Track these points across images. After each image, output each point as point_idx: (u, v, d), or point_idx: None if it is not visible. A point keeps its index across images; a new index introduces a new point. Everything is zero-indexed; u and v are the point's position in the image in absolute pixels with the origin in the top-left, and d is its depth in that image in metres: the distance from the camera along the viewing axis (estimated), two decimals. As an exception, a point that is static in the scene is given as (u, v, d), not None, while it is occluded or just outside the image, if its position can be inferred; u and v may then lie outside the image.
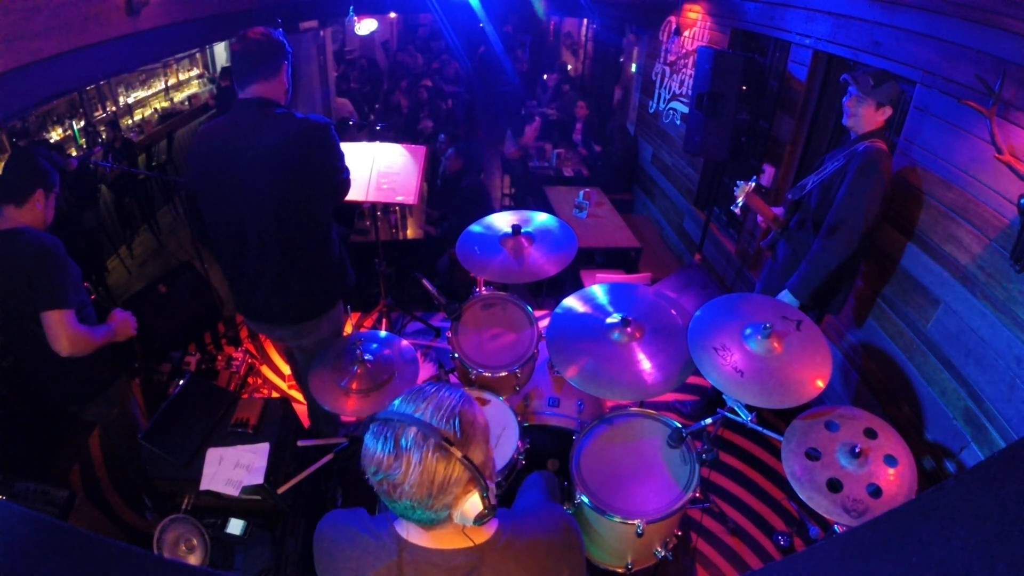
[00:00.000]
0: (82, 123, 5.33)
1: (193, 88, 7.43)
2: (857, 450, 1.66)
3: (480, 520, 0.88)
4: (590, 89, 8.61)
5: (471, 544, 0.93)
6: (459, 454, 0.84)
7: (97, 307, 2.20)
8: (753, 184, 2.45)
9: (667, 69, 5.24)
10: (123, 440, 2.38)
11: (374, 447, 0.86)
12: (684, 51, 4.85)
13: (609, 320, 2.09)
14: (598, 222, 4.74)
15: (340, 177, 2.07)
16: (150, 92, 6.64)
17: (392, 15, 9.43)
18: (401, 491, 0.84)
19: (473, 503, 0.87)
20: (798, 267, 2.47)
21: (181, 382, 2.25)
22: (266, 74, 1.87)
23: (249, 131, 1.85)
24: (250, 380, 3.37)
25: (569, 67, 9.36)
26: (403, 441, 0.84)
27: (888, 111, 2.26)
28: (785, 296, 2.47)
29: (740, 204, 2.46)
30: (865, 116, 2.29)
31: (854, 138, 2.36)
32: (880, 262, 2.65)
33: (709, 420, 1.94)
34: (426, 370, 3.45)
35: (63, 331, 1.89)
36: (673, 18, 4.96)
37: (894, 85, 2.25)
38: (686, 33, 4.81)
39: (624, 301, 2.21)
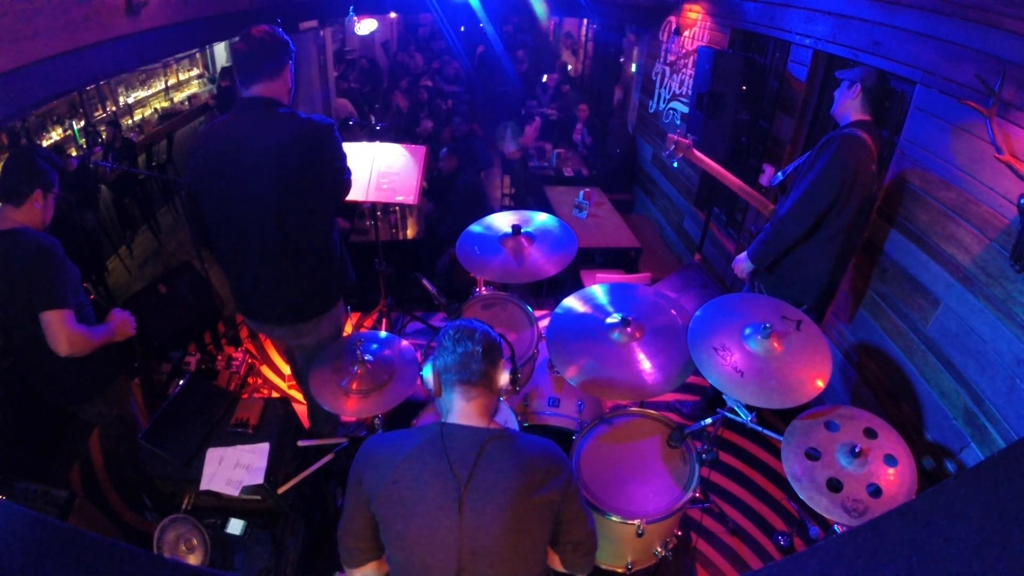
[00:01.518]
0: (82, 123, 5.33)
1: (193, 88, 7.44)
2: (857, 450, 1.66)
3: (512, 380, 1.37)
4: (590, 89, 8.61)
5: (487, 426, 1.27)
6: (498, 336, 1.35)
7: (96, 307, 2.20)
8: (688, 140, 2.46)
9: (667, 69, 5.24)
10: (123, 440, 2.38)
11: (454, 332, 1.31)
12: (684, 51, 4.85)
13: (609, 320, 2.09)
14: (598, 222, 4.74)
15: (342, 177, 2.07)
16: (150, 92, 6.65)
17: (392, 15, 9.43)
18: (473, 347, 1.26)
19: (504, 371, 1.33)
20: (785, 258, 2.52)
21: (181, 382, 2.25)
22: (270, 73, 1.86)
23: (252, 130, 1.85)
24: (250, 380, 3.37)
25: (569, 67, 9.35)
26: (472, 325, 1.32)
27: (857, 88, 2.31)
28: (743, 258, 2.57)
29: (678, 159, 2.48)
30: (839, 98, 2.38)
31: (839, 127, 2.41)
32: (880, 262, 2.65)
33: (709, 420, 1.94)
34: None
35: (62, 331, 1.88)
36: (673, 18, 4.96)
37: (869, 68, 2.37)
38: (686, 33, 4.81)
39: (624, 301, 2.21)
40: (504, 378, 1.33)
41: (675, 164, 2.56)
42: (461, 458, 1.20)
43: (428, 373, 1.37)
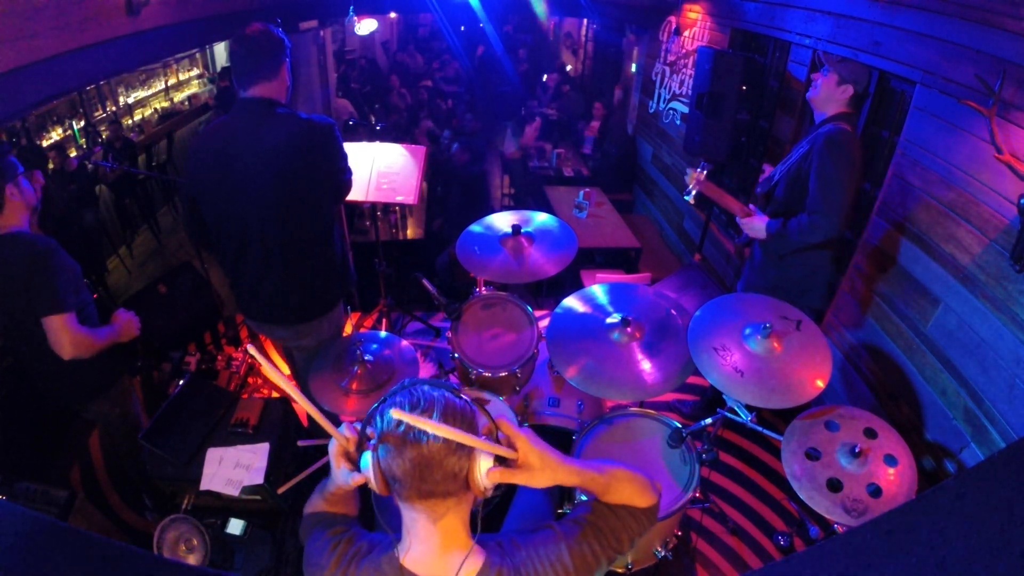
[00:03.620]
0: (82, 123, 5.33)
1: (193, 88, 7.43)
2: (857, 450, 1.66)
3: (500, 467, 0.91)
4: (590, 89, 8.61)
5: (459, 563, 0.92)
6: (467, 398, 0.93)
7: (100, 306, 2.19)
8: (704, 171, 2.42)
9: (667, 69, 5.24)
10: (124, 439, 2.38)
11: (398, 407, 0.89)
12: (684, 51, 4.85)
13: (609, 320, 2.09)
14: (598, 222, 4.74)
15: (343, 177, 2.07)
16: (150, 92, 6.64)
17: (392, 15, 9.43)
18: (427, 440, 0.86)
19: (487, 457, 0.90)
20: (774, 264, 2.51)
21: (181, 382, 2.25)
22: (267, 74, 1.85)
23: (252, 131, 1.84)
24: (250, 380, 3.37)
25: (568, 67, 9.35)
26: (421, 393, 0.91)
27: (849, 90, 2.27)
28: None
29: (693, 193, 2.44)
30: (825, 89, 2.32)
31: (819, 121, 2.38)
32: (880, 262, 2.65)
33: (709, 420, 1.94)
34: (426, 370, 3.45)
35: (65, 336, 1.86)
36: (673, 18, 4.96)
37: (863, 69, 2.30)
38: (686, 33, 4.81)
39: (624, 301, 2.21)
40: (485, 467, 0.90)
41: (688, 198, 2.50)
42: None
43: (367, 465, 0.94)
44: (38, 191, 1.99)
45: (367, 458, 0.94)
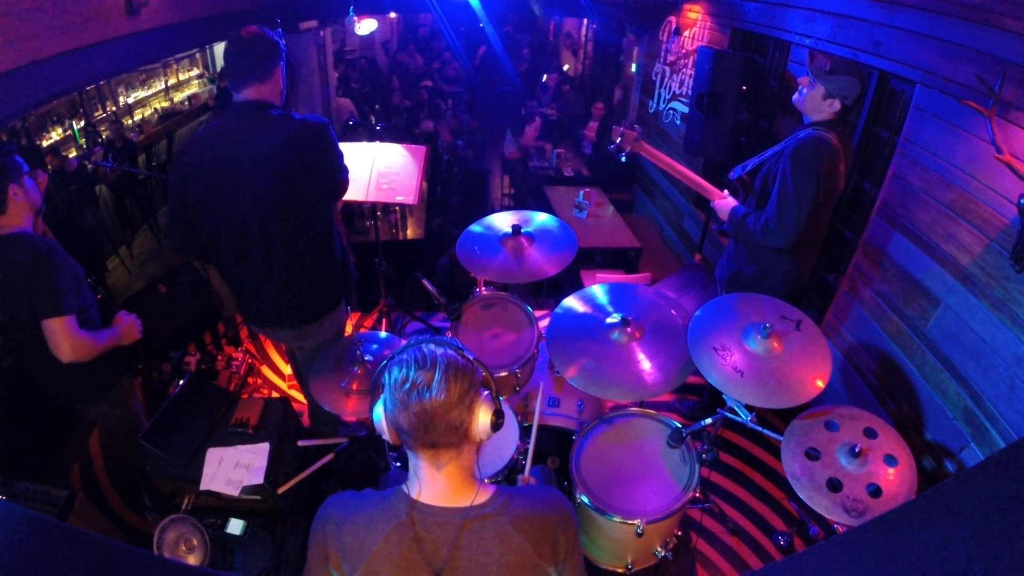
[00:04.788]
0: (82, 123, 5.33)
1: (193, 88, 7.43)
2: (857, 450, 1.66)
3: (495, 424, 1.00)
4: (590, 89, 8.61)
5: (472, 502, 1.01)
6: (471, 355, 1.01)
7: (103, 307, 2.18)
8: (636, 132, 2.32)
9: (667, 69, 5.24)
10: (124, 440, 2.37)
11: (401, 368, 0.98)
12: (684, 51, 4.85)
13: (609, 320, 2.09)
14: (598, 222, 4.75)
15: (340, 176, 2.07)
16: (150, 92, 6.64)
17: (392, 15, 9.42)
18: (429, 396, 0.94)
19: (485, 410, 0.99)
20: (736, 257, 2.49)
21: (181, 382, 2.25)
22: (260, 76, 1.84)
23: (247, 135, 1.83)
24: (250, 380, 3.37)
25: (565, 67, 9.34)
26: (426, 350, 0.98)
27: (836, 104, 2.17)
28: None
29: (625, 152, 2.33)
30: (810, 100, 2.24)
31: (805, 123, 2.31)
32: (880, 262, 2.65)
33: (709, 420, 1.94)
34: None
35: (65, 339, 1.84)
36: (673, 18, 4.96)
37: (853, 82, 2.12)
38: (686, 33, 4.81)
39: (624, 301, 2.21)
40: (485, 421, 0.99)
41: (623, 158, 2.43)
42: (435, 552, 0.98)
43: (379, 418, 1.04)
44: (42, 191, 1.98)
45: (378, 410, 1.04)
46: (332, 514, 1.06)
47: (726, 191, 2.54)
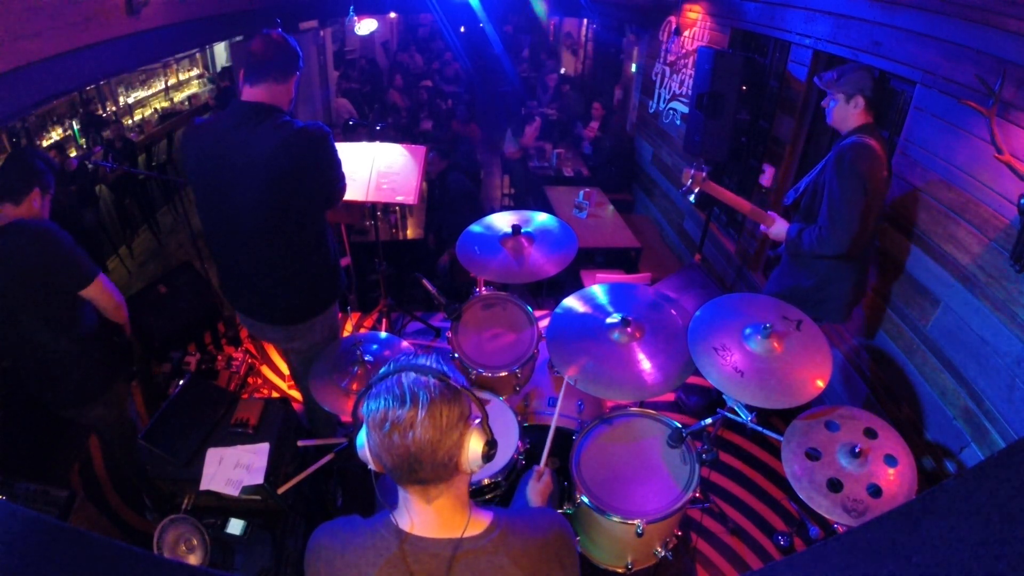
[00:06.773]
0: (82, 123, 5.33)
1: (193, 88, 7.44)
2: (857, 450, 1.66)
3: (487, 456, 0.92)
4: (590, 89, 8.62)
5: (463, 532, 0.95)
6: (458, 384, 0.89)
7: None
8: (704, 172, 2.34)
9: (667, 69, 5.24)
10: (120, 444, 2.37)
11: (378, 403, 0.88)
12: (684, 51, 4.85)
13: (609, 320, 2.09)
14: (598, 222, 4.74)
15: (336, 186, 2.05)
16: (150, 92, 6.65)
17: (392, 15, 9.43)
18: (413, 436, 0.86)
19: (476, 440, 0.91)
20: (791, 273, 2.48)
21: (181, 382, 2.25)
22: (279, 77, 1.86)
23: (245, 134, 1.83)
24: (250, 380, 3.37)
25: (563, 69, 9.34)
26: (405, 383, 0.88)
27: (860, 101, 2.17)
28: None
29: (695, 193, 2.36)
30: (839, 112, 2.24)
31: (843, 134, 2.31)
32: (881, 263, 2.65)
33: (709, 420, 1.94)
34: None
35: (110, 298, 2.05)
36: (673, 18, 4.96)
37: (862, 74, 2.16)
38: (686, 33, 4.81)
39: (624, 301, 2.21)
40: (476, 451, 0.91)
41: (692, 199, 2.45)
42: None
43: (362, 445, 0.96)
44: (46, 210, 2.06)
45: (362, 439, 0.96)
46: (324, 545, 1.01)
47: (771, 212, 2.54)
